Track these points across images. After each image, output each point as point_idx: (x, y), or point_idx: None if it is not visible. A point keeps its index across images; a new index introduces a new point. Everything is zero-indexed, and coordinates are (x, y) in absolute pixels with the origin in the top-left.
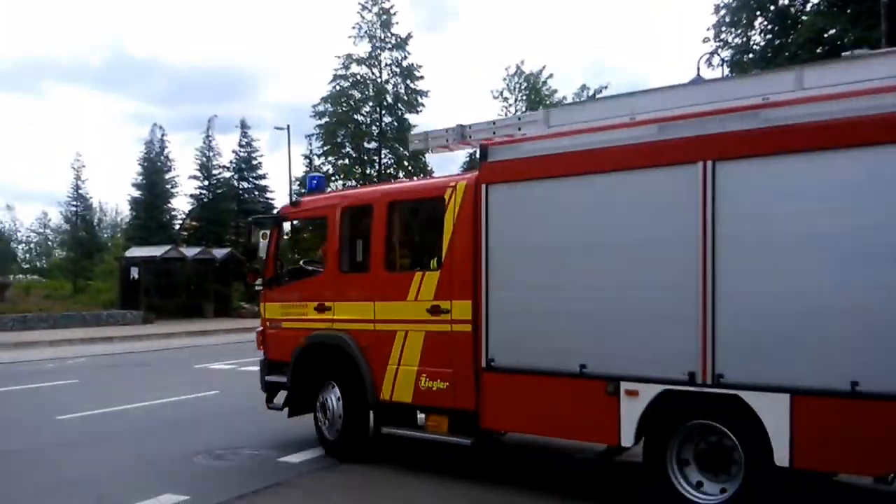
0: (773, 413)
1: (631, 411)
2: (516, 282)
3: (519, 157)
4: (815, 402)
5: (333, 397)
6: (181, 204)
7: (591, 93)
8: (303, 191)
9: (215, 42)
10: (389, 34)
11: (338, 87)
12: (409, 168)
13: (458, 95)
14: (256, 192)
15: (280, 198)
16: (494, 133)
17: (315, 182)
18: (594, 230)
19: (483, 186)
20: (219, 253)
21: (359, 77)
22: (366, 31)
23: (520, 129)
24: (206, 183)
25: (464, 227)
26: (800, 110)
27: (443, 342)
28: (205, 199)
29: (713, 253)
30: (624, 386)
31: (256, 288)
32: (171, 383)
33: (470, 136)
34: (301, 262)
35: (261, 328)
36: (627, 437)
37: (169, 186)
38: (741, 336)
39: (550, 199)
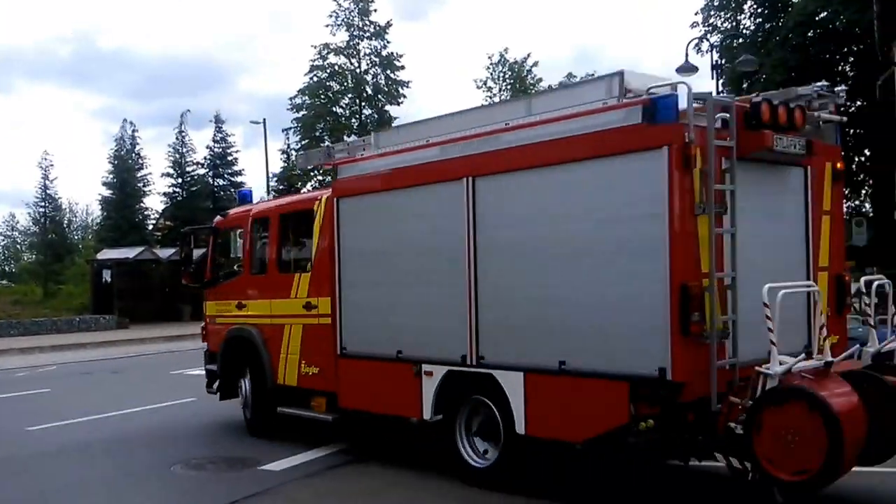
0: (514, 388)
1: (429, 389)
2: (358, 281)
3: (356, 174)
4: (538, 378)
5: (247, 383)
6: (154, 203)
7: (577, 80)
8: (280, 187)
9: (187, 32)
10: (368, 22)
11: (315, 79)
12: None
13: (442, 86)
14: (232, 190)
15: (257, 195)
16: (349, 153)
17: (242, 195)
18: (404, 236)
19: (335, 199)
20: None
21: (337, 67)
22: (343, 20)
23: (364, 150)
24: (180, 181)
25: (325, 234)
26: (522, 134)
27: (314, 333)
28: (179, 198)
29: (475, 255)
30: (424, 368)
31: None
32: (147, 390)
33: (334, 156)
34: (235, 266)
35: (203, 323)
36: (427, 412)
37: (141, 185)
38: (493, 324)
39: (375, 209)
